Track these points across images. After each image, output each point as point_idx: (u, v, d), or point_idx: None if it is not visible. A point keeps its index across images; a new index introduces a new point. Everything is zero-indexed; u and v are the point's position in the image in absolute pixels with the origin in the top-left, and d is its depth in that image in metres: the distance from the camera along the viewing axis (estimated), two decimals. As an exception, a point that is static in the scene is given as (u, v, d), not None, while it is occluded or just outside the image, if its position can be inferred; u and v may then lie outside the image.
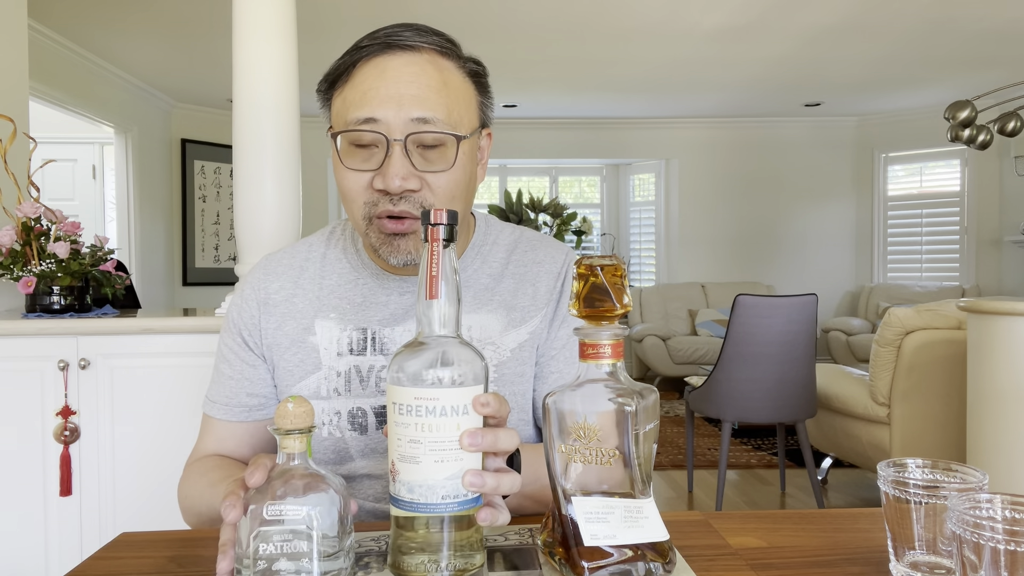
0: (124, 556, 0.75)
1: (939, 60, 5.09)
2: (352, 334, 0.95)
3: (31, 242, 2.10)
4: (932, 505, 0.62)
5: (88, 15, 4.10)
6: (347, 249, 1.01)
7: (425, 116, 0.85)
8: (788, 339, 3.12)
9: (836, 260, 7.05)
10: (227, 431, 0.99)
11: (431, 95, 0.86)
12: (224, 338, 1.01)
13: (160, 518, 2.04)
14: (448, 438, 0.62)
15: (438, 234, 0.65)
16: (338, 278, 0.99)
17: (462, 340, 0.66)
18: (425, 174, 0.87)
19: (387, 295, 0.97)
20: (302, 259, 1.02)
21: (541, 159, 7.18)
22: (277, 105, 2.12)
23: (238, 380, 0.99)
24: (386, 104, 0.85)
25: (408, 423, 0.62)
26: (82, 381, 2.04)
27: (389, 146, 0.85)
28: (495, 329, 0.96)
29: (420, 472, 0.62)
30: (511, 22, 4.30)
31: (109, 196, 5.62)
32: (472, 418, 0.63)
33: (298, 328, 0.97)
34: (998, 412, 2.30)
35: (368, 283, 0.98)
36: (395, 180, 0.84)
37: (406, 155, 0.85)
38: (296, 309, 0.98)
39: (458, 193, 0.90)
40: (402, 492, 0.63)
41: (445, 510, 0.62)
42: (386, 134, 0.85)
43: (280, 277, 1.00)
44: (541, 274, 1.00)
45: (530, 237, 1.05)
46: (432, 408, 0.62)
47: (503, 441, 0.65)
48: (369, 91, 0.86)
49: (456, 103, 0.88)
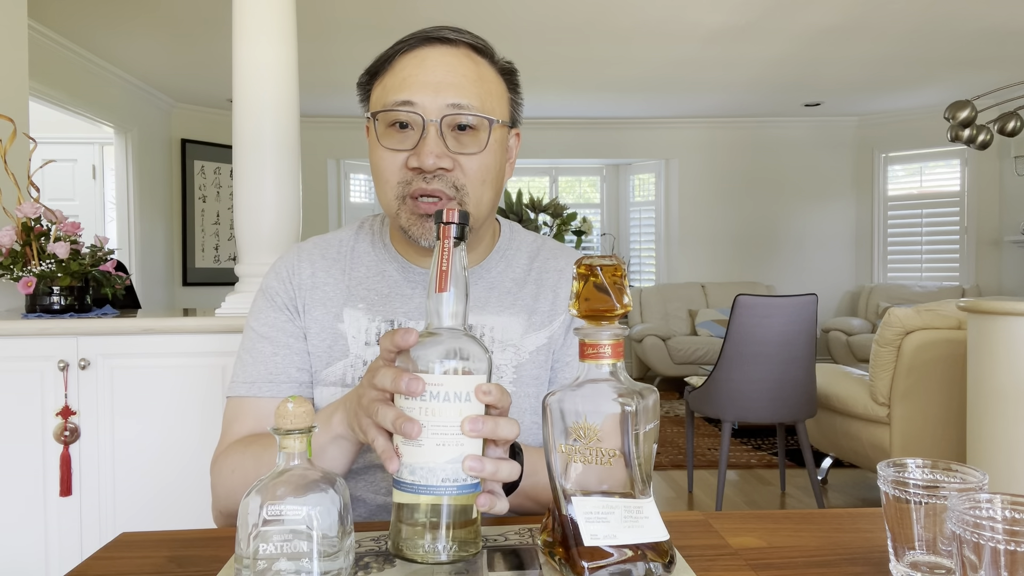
0: (124, 556, 0.75)
1: (939, 60, 5.09)
2: (381, 325, 0.97)
3: (31, 242, 2.10)
4: (932, 505, 0.62)
5: (88, 15, 4.10)
6: (375, 242, 1.04)
7: (460, 103, 0.90)
8: (788, 339, 3.12)
9: (836, 260, 7.05)
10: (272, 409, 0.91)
11: (467, 84, 0.91)
12: (261, 318, 0.99)
13: (160, 518, 2.04)
14: (450, 423, 0.65)
15: (450, 232, 0.68)
16: (366, 270, 1.01)
17: (468, 333, 0.69)
18: (458, 155, 0.90)
19: (412, 288, 0.99)
20: (334, 250, 1.04)
21: (541, 159, 7.18)
22: (277, 105, 2.12)
23: (286, 355, 0.97)
24: (424, 90, 0.89)
25: (413, 407, 0.65)
26: (82, 381, 2.04)
27: (425, 127, 0.89)
28: (516, 331, 0.99)
29: (422, 455, 0.65)
30: (511, 22, 4.31)
31: (109, 196, 5.62)
32: (474, 405, 0.66)
33: (327, 315, 0.99)
34: (998, 412, 2.30)
35: (394, 276, 1.00)
36: (429, 158, 0.88)
37: (440, 136, 0.89)
38: (326, 296, 1.00)
39: (488, 178, 0.93)
40: (404, 474, 0.65)
41: (444, 492, 0.65)
42: (422, 115, 0.89)
43: (312, 264, 1.02)
44: (562, 281, 1.03)
45: (552, 245, 1.08)
46: (436, 393, 0.65)
47: (503, 429, 0.67)
48: (408, 77, 0.91)
49: (489, 95, 0.93)
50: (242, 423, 0.96)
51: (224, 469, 0.92)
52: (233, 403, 0.98)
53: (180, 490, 2.04)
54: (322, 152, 6.64)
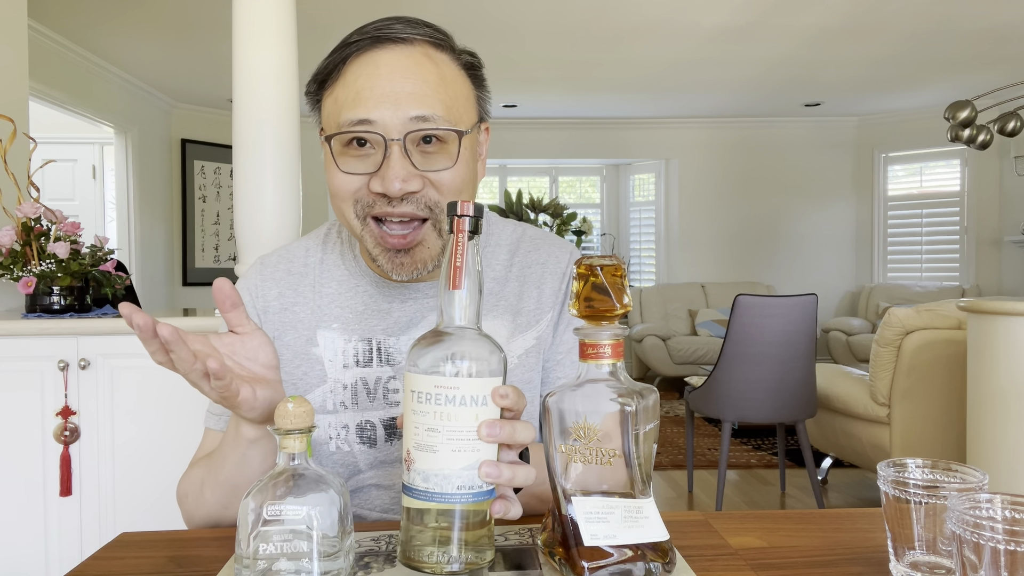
0: (124, 556, 0.75)
1: (939, 60, 5.09)
2: (357, 345, 0.91)
3: (31, 242, 2.10)
4: (932, 505, 0.62)
5: (88, 15, 4.10)
6: (344, 254, 0.97)
7: (424, 114, 0.81)
8: (788, 339, 3.12)
9: (836, 260, 7.05)
10: None
11: (429, 91, 0.81)
12: None
13: (160, 518, 2.04)
14: (466, 427, 0.62)
15: (464, 225, 0.64)
16: (337, 286, 0.94)
17: (482, 332, 0.66)
18: (428, 173, 0.82)
19: (388, 303, 0.93)
20: (300, 265, 0.97)
21: (541, 159, 7.18)
22: (277, 105, 2.12)
23: None
24: (382, 104, 0.80)
25: (426, 411, 0.62)
26: (82, 381, 2.04)
27: (387, 147, 0.80)
28: (501, 335, 0.92)
29: (436, 461, 0.62)
30: (511, 22, 4.31)
31: (109, 196, 5.62)
32: (490, 409, 0.63)
33: (299, 339, 0.93)
34: (998, 412, 2.30)
35: (368, 290, 0.93)
36: (395, 183, 0.80)
37: (405, 155, 0.81)
38: (296, 318, 0.93)
39: (464, 190, 0.86)
40: (416, 481, 0.62)
41: (459, 500, 0.62)
42: (383, 134, 0.80)
43: (278, 283, 0.95)
44: (545, 275, 0.96)
45: (532, 235, 1.00)
46: (452, 397, 0.62)
47: (520, 433, 0.64)
48: (363, 90, 0.81)
49: (455, 98, 0.84)
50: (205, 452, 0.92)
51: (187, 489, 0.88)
52: (206, 431, 0.95)
53: (180, 490, 2.04)
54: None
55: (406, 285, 0.93)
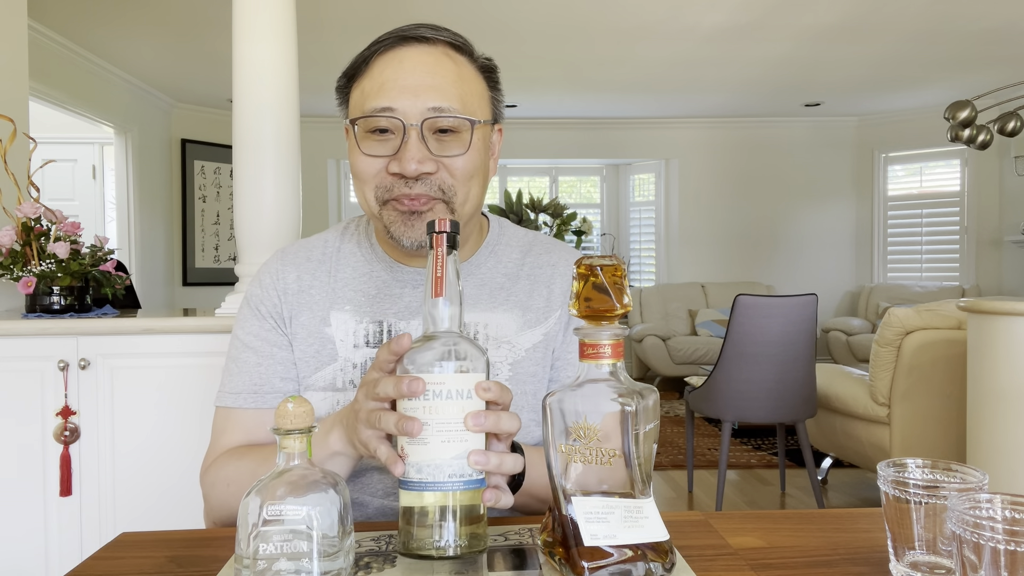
0: (124, 556, 0.75)
1: (939, 60, 5.09)
2: (368, 326, 0.96)
3: (31, 242, 2.10)
4: (932, 505, 0.62)
5: (88, 15, 4.10)
6: (361, 242, 1.02)
7: (441, 105, 0.88)
8: (788, 339, 3.12)
9: (836, 260, 7.05)
10: (257, 421, 0.96)
11: (447, 85, 0.89)
12: (246, 327, 0.99)
13: (160, 518, 2.04)
14: (453, 419, 0.67)
15: (442, 241, 0.70)
16: (352, 271, 1.00)
17: (464, 336, 0.71)
18: (442, 158, 0.89)
19: (401, 287, 0.98)
20: (318, 253, 1.02)
21: (541, 159, 7.18)
22: (277, 105, 2.12)
23: (269, 365, 0.97)
24: (404, 94, 0.88)
25: (416, 407, 0.67)
26: (82, 381, 2.04)
27: (405, 131, 0.87)
28: (511, 328, 0.98)
29: (428, 452, 0.66)
30: (511, 22, 4.31)
31: (109, 196, 5.62)
32: (475, 402, 0.68)
33: (314, 319, 0.97)
34: (998, 412, 2.30)
35: (382, 276, 0.99)
36: (411, 164, 0.87)
37: (422, 140, 0.88)
38: (312, 300, 0.98)
39: (475, 176, 0.92)
40: (411, 473, 0.67)
41: (451, 488, 0.66)
42: (403, 119, 0.87)
43: (297, 268, 1.01)
44: (556, 276, 1.01)
45: (544, 240, 1.06)
46: (439, 392, 0.66)
47: (505, 422, 0.68)
48: (387, 82, 0.89)
49: (470, 94, 0.91)
50: (231, 435, 0.97)
51: (218, 482, 0.92)
52: (221, 413, 0.98)
53: (180, 490, 2.04)
54: (322, 152, 6.64)
55: (418, 270, 0.98)
